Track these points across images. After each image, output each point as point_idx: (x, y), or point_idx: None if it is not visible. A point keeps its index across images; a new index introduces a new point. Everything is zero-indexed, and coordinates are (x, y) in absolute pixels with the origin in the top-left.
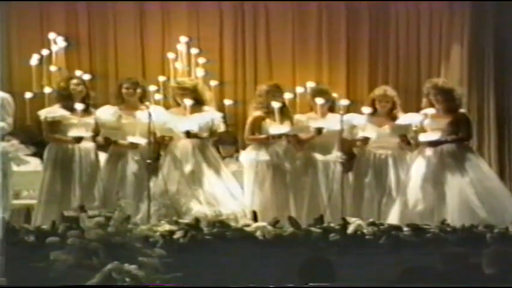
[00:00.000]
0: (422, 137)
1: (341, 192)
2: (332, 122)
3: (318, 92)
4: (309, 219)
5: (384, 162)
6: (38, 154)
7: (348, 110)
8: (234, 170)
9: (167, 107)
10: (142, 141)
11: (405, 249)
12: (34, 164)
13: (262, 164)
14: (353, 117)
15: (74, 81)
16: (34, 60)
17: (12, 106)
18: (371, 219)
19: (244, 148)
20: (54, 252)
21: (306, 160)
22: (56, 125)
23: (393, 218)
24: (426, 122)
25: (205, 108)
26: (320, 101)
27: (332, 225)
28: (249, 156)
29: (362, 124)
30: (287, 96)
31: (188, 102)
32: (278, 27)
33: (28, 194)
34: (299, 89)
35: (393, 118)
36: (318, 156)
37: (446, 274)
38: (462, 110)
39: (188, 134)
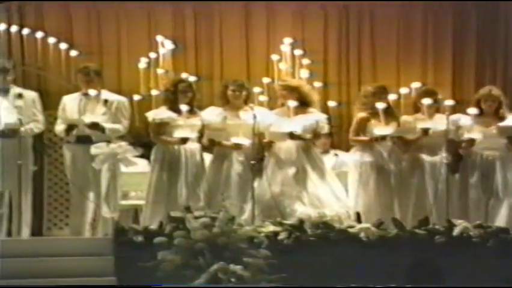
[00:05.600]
0: None
1: (447, 194)
2: (438, 123)
3: (425, 93)
4: (414, 221)
5: (491, 163)
6: (145, 155)
7: (455, 110)
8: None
9: (271, 108)
10: (246, 142)
11: None
12: (142, 165)
13: (366, 165)
14: (458, 118)
15: (181, 83)
16: (142, 63)
17: (128, 110)
18: (477, 222)
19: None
20: (161, 252)
21: (412, 161)
22: (163, 127)
23: (500, 220)
24: None
25: (310, 109)
26: (427, 101)
27: (437, 227)
28: (353, 157)
29: (468, 125)
30: (391, 97)
31: (292, 103)
32: (383, 28)
33: (136, 194)
34: (403, 90)
35: (501, 118)
36: (425, 158)
37: None
38: None
39: (292, 136)
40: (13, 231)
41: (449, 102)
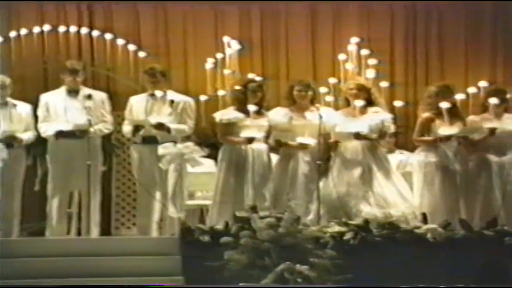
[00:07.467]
0: None
1: None
2: (506, 123)
3: (494, 92)
4: (481, 222)
5: None
6: (211, 155)
7: None
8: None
9: (337, 108)
10: (312, 142)
11: None
12: (208, 165)
13: (431, 165)
14: None
15: (252, 83)
16: (209, 64)
17: (194, 110)
18: None
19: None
20: (228, 252)
21: (479, 162)
22: (230, 127)
23: None
24: None
25: (376, 109)
26: (494, 101)
27: (506, 228)
28: (418, 157)
29: None
30: (459, 97)
31: (359, 103)
32: (450, 27)
33: (202, 194)
34: (471, 90)
35: None
36: (493, 158)
37: None
38: None
39: (358, 136)
40: (82, 231)
41: None
